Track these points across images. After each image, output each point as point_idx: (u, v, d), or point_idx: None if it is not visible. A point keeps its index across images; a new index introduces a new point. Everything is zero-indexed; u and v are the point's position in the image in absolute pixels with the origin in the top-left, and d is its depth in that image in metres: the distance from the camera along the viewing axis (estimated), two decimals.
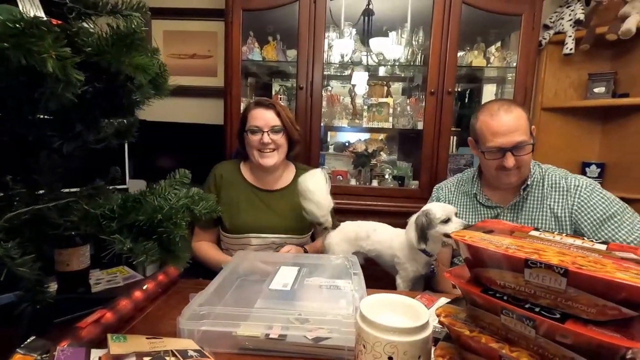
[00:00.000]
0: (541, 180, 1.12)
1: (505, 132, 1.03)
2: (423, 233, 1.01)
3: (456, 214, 1.02)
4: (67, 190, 0.71)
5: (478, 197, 1.19)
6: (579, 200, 1.05)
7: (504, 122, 1.02)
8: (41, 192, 0.68)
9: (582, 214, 1.04)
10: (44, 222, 0.64)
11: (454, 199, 1.26)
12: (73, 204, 0.64)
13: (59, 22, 0.53)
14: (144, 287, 0.85)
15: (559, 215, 1.07)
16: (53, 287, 0.85)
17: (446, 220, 0.99)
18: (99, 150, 0.73)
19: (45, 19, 0.52)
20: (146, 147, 2.13)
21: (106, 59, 0.56)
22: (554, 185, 1.10)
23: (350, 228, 1.18)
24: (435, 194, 1.32)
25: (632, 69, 1.88)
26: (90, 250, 0.90)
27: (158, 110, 2.20)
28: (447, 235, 0.99)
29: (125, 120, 0.78)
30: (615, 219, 1.01)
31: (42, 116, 0.62)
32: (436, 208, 1.01)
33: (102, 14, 0.66)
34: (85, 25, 0.64)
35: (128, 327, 0.74)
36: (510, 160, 1.04)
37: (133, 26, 0.57)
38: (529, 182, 1.10)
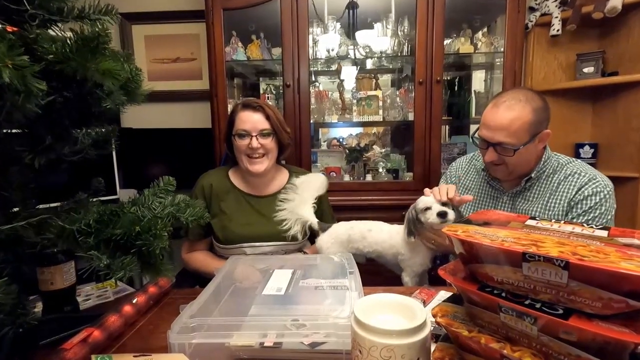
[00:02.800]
0: (552, 174, 1.06)
1: (492, 127, 0.99)
2: (412, 225, 1.00)
3: (445, 203, 0.97)
4: (47, 205, 0.68)
5: (486, 174, 1.16)
6: (579, 206, 1.01)
7: (497, 116, 0.98)
8: (15, 210, 0.65)
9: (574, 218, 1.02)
10: (20, 241, 0.61)
11: (464, 173, 1.24)
12: (49, 220, 0.61)
13: (15, 29, 0.50)
14: (134, 301, 0.82)
15: (555, 212, 1.04)
16: (38, 307, 0.82)
17: (426, 209, 0.98)
18: (84, 162, 0.70)
19: None
20: (136, 155, 2.09)
21: (71, 65, 0.52)
22: (562, 182, 1.05)
23: (342, 230, 1.12)
24: (448, 170, 1.32)
25: (620, 47, 1.86)
26: (77, 265, 0.87)
27: (146, 116, 2.18)
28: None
29: (103, 129, 0.75)
30: None
31: (7, 130, 0.59)
32: (421, 198, 1.01)
33: (69, 20, 0.63)
34: (50, 32, 0.61)
35: (117, 344, 0.71)
36: (488, 155, 1.03)
37: (97, 29, 0.54)
38: (532, 175, 1.06)
